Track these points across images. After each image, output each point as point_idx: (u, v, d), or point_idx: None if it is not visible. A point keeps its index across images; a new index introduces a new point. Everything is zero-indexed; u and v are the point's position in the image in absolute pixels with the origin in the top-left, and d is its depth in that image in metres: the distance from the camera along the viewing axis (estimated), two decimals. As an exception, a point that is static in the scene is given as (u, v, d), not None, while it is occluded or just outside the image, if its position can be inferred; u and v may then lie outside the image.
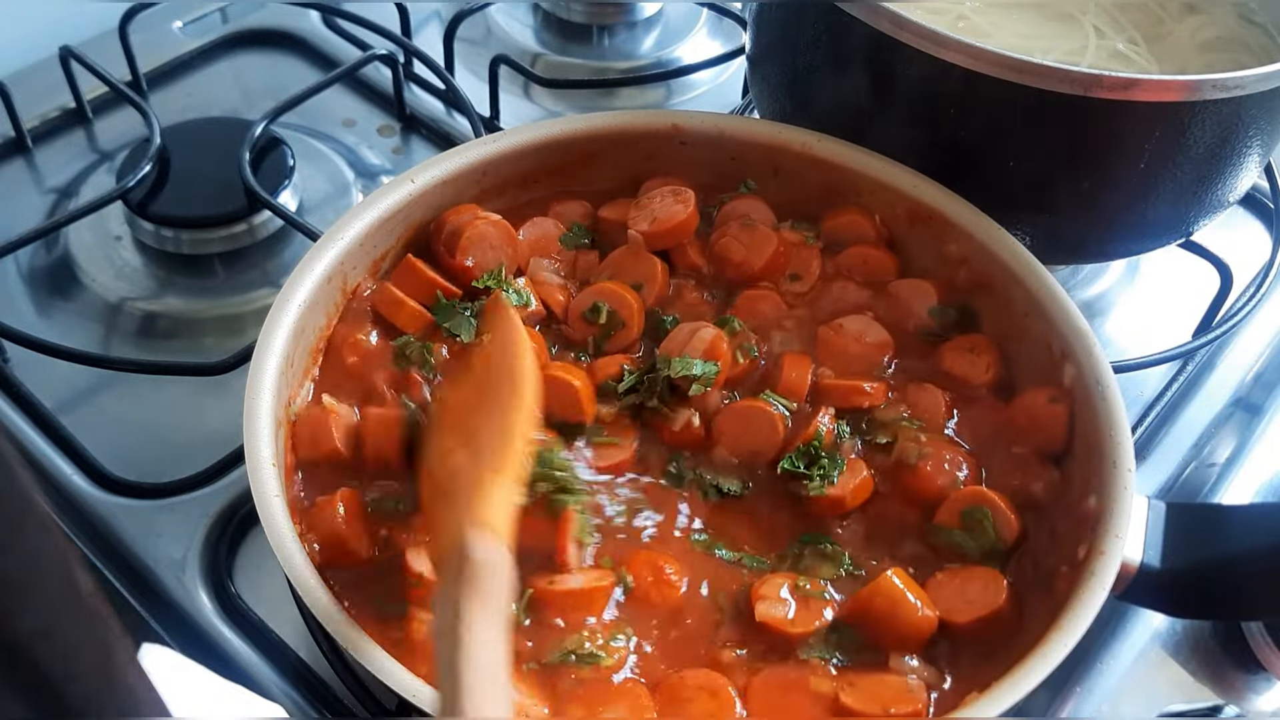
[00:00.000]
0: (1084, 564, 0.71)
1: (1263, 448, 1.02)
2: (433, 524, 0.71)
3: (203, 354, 1.01)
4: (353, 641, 0.66)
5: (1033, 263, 0.85)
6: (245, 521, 0.91)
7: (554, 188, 0.96)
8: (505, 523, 0.66)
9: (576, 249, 0.93)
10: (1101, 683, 0.86)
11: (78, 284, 1.08)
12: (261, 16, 1.36)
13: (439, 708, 0.56)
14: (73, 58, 1.20)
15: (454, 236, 0.88)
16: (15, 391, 0.97)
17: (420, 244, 0.90)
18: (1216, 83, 0.81)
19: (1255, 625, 0.88)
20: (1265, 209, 1.19)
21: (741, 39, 1.35)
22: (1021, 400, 0.84)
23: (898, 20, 0.85)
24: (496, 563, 0.62)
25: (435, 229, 0.90)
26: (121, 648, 0.37)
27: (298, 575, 0.68)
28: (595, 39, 1.38)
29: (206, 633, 0.85)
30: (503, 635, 0.59)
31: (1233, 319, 1.05)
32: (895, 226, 0.92)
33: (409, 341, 0.85)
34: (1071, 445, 0.80)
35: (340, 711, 0.82)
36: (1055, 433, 0.81)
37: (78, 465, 0.93)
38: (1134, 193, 0.91)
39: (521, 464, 0.70)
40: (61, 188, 1.17)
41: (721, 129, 0.95)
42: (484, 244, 0.88)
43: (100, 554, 0.89)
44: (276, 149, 1.15)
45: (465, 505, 0.66)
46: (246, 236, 1.10)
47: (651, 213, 0.91)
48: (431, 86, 1.28)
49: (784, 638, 0.73)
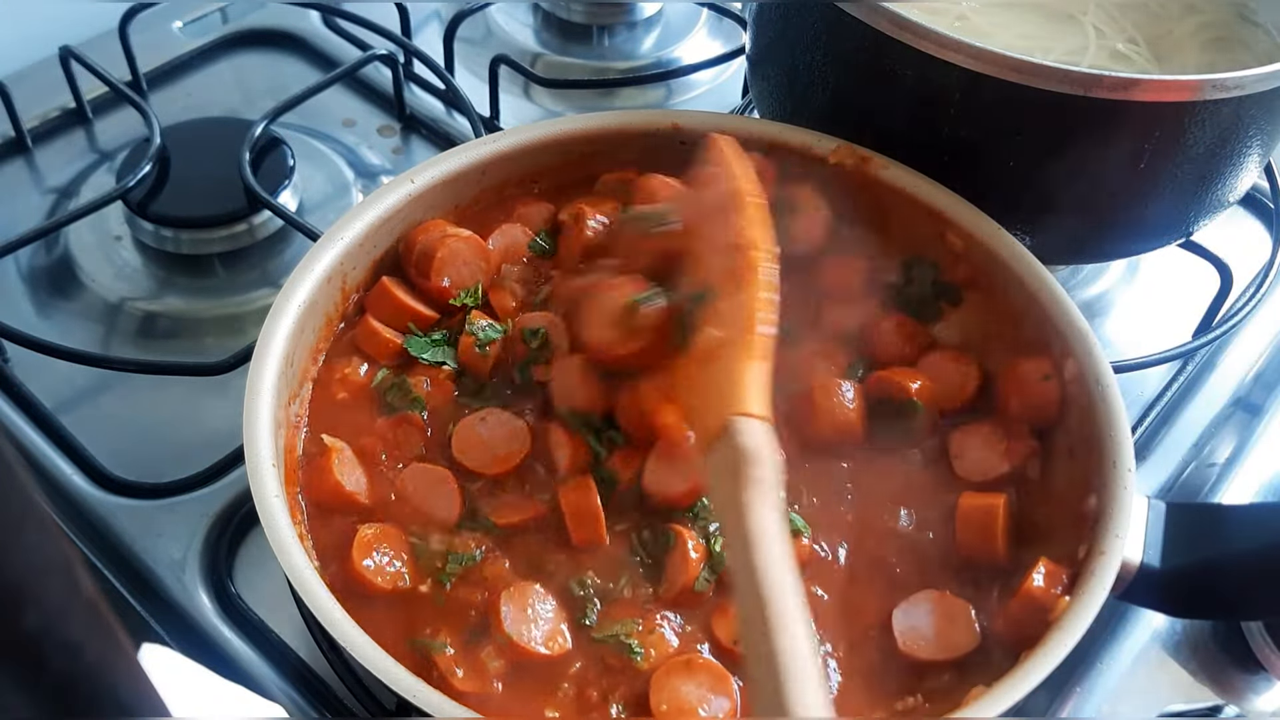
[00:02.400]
0: (1084, 564, 0.71)
1: (1263, 448, 1.02)
2: (690, 408, 0.73)
3: (203, 354, 1.01)
4: (353, 641, 0.66)
5: (1033, 263, 0.85)
6: (245, 521, 0.91)
7: (554, 187, 0.96)
8: (764, 404, 0.67)
9: (544, 256, 0.92)
10: (1101, 683, 0.86)
11: (78, 284, 1.08)
12: (261, 16, 1.36)
13: (737, 600, 0.59)
14: (73, 58, 1.20)
15: (425, 258, 0.87)
16: (15, 391, 0.97)
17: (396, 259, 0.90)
18: (1216, 83, 0.81)
19: (1255, 625, 0.88)
20: (1265, 209, 1.19)
21: (741, 39, 1.35)
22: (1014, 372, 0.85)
23: (897, 20, 0.85)
24: (766, 446, 0.64)
25: (404, 250, 0.89)
26: (122, 648, 0.37)
27: (298, 575, 0.68)
28: (595, 39, 1.38)
29: (206, 633, 0.85)
30: (783, 518, 0.62)
31: (1233, 319, 1.05)
32: (895, 225, 0.92)
33: (386, 378, 0.84)
34: (1064, 427, 0.81)
35: (340, 711, 0.82)
36: (1048, 412, 0.82)
37: (78, 465, 0.93)
38: (1134, 193, 0.91)
39: (768, 341, 0.71)
40: (61, 188, 1.17)
41: (721, 129, 0.95)
42: (457, 262, 0.87)
43: (100, 554, 0.89)
44: (276, 149, 1.15)
45: (723, 390, 0.67)
46: (246, 236, 1.10)
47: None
48: (431, 86, 1.28)
49: None
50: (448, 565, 0.75)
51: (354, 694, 0.79)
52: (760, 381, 0.69)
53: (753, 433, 0.65)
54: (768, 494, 0.63)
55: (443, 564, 0.75)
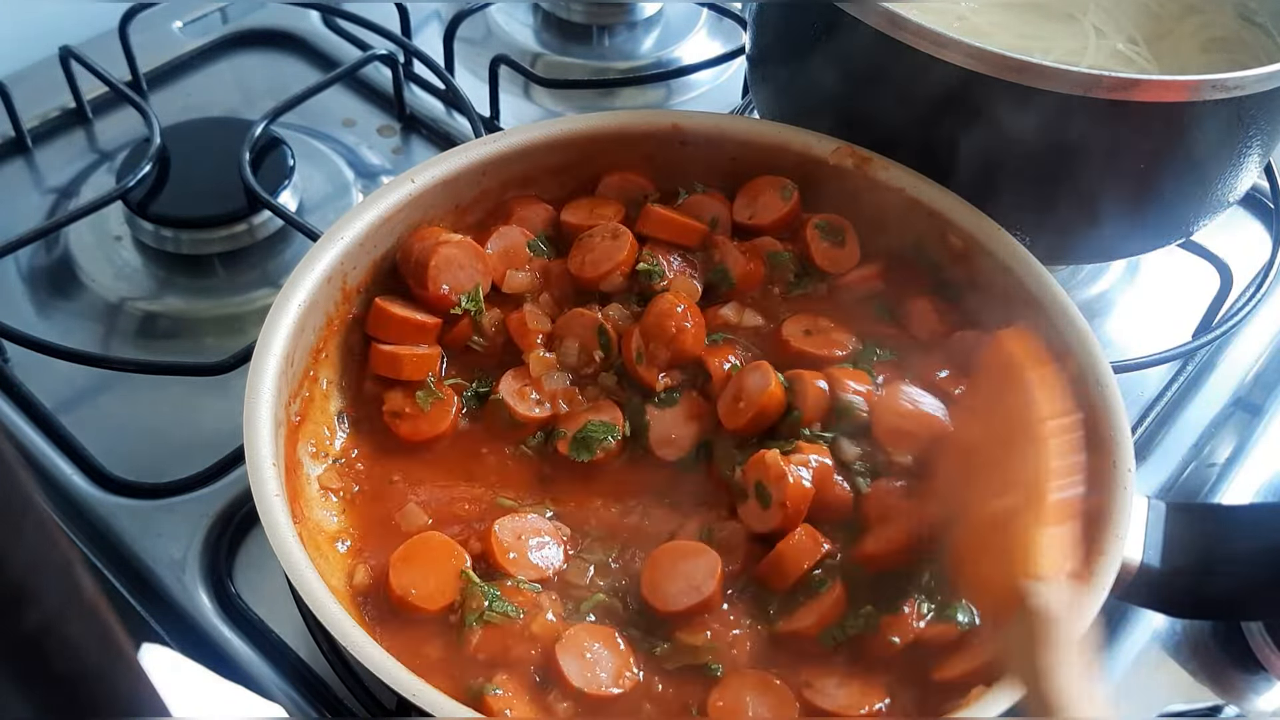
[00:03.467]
0: (1084, 564, 0.71)
1: (1263, 448, 1.02)
2: (978, 572, 0.71)
3: (203, 354, 1.01)
4: (353, 641, 0.66)
5: (1033, 263, 0.85)
6: (245, 521, 0.91)
7: (554, 188, 0.96)
8: (1060, 568, 0.65)
9: (545, 258, 0.92)
10: (1101, 683, 0.86)
11: (78, 284, 1.08)
12: (261, 16, 1.36)
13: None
14: (73, 58, 1.20)
15: (420, 267, 0.86)
16: (15, 391, 0.97)
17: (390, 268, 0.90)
18: (1216, 83, 0.81)
19: (1255, 625, 0.88)
20: (1265, 209, 1.19)
21: (741, 39, 1.35)
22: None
23: (897, 20, 0.85)
24: (1064, 606, 0.63)
25: (401, 259, 0.89)
26: (122, 648, 0.37)
27: (298, 575, 0.68)
28: (595, 39, 1.38)
29: (206, 633, 0.85)
30: (1088, 675, 0.60)
31: (1233, 319, 1.05)
32: (896, 225, 0.92)
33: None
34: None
35: (340, 711, 0.82)
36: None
37: (78, 465, 0.93)
38: (1134, 193, 0.91)
39: (1062, 504, 0.68)
40: (61, 188, 1.17)
41: (721, 129, 0.96)
42: (453, 267, 0.87)
43: (100, 554, 0.89)
44: (276, 149, 1.15)
45: (1019, 560, 0.65)
46: (246, 236, 1.10)
47: (590, 253, 0.90)
48: (431, 86, 1.28)
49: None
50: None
51: (354, 694, 0.79)
52: (1055, 546, 0.66)
53: (1049, 594, 0.63)
54: (1068, 653, 0.61)
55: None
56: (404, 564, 0.75)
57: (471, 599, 0.73)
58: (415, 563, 0.75)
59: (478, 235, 0.91)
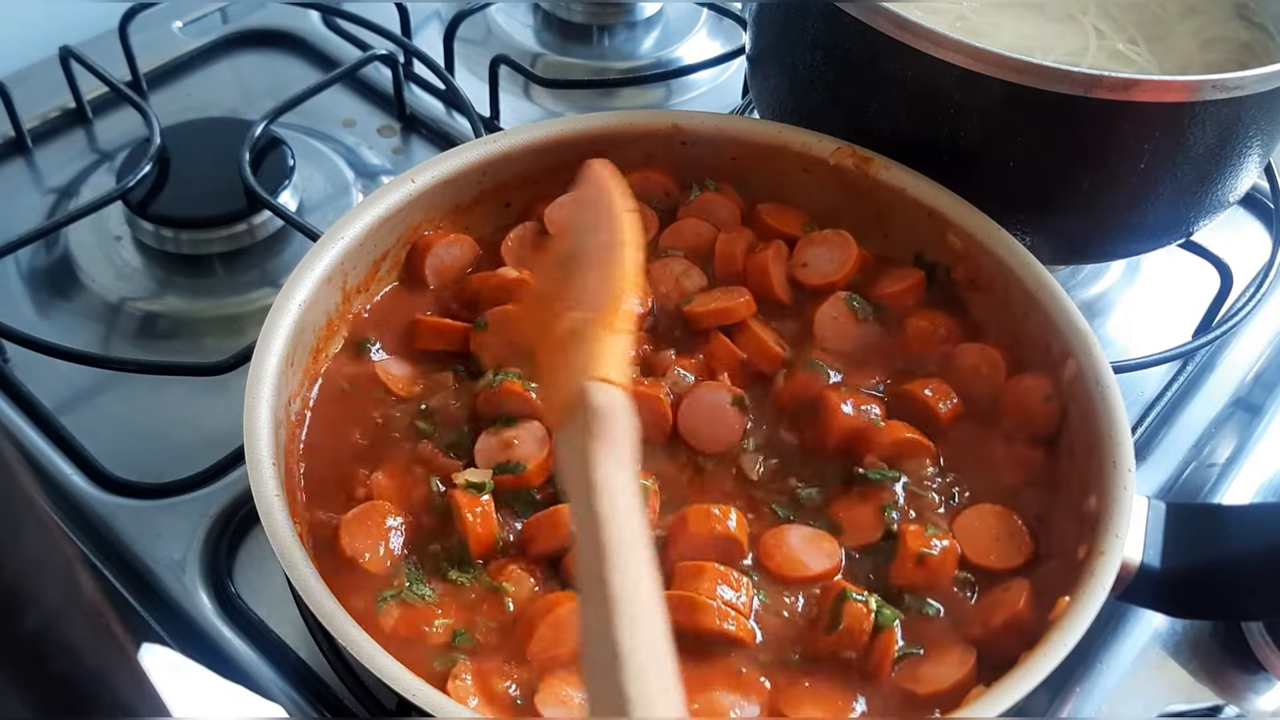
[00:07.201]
0: (1084, 564, 0.71)
1: (1263, 448, 1.02)
2: (549, 386, 0.73)
3: (203, 354, 1.01)
4: (353, 641, 0.66)
5: (1033, 263, 0.85)
6: (245, 521, 0.90)
7: (554, 188, 0.96)
8: (623, 372, 0.66)
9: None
10: (1101, 683, 0.86)
11: (78, 284, 1.08)
12: (261, 16, 1.36)
13: (577, 547, 0.57)
14: (73, 58, 1.20)
15: (482, 303, 0.88)
16: (15, 391, 0.97)
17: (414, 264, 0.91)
18: (1216, 83, 0.81)
19: (1255, 625, 0.88)
20: (1265, 209, 1.19)
21: (741, 39, 1.35)
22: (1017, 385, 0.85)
23: (897, 20, 0.85)
24: (620, 407, 0.63)
25: (440, 283, 0.91)
26: (122, 648, 0.37)
27: (298, 575, 0.68)
28: (595, 39, 1.38)
29: (206, 633, 0.85)
30: (633, 476, 0.61)
31: (1233, 319, 1.05)
32: (896, 226, 0.92)
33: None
34: (1064, 428, 0.81)
35: (340, 711, 0.82)
36: (1048, 430, 0.82)
37: (78, 465, 0.93)
38: (1134, 193, 0.91)
39: (630, 315, 0.70)
40: (61, 188, 1.17)
41: (721, 129, 0.96)
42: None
43: (100, 554, 0.89)
44: (276, 149, 1.15)
45: (582, 362, 0.66)
46: (246, 236, 1.10)
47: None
48: (431, 86, 1.28)
49: None
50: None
51: (354, 694, 0.79)
52: (620, 351, 0.67)
53: (607, 394, 0.63)
54: (618, 449, 0.61)
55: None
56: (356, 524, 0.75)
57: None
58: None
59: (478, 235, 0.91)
